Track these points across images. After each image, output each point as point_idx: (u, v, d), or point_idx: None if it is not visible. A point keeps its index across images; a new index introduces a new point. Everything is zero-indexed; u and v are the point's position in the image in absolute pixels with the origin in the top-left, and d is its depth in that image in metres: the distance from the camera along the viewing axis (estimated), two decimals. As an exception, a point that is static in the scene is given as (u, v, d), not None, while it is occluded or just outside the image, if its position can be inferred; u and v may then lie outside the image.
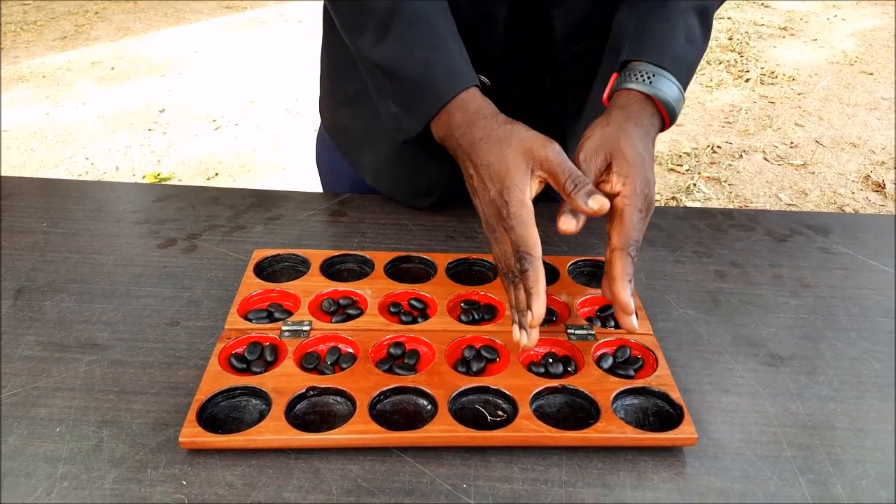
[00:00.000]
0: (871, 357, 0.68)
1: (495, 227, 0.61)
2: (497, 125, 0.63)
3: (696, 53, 0.72)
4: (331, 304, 0.70)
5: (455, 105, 0.65)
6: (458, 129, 0.64)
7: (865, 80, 3.73)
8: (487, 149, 0.62)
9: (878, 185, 2.74)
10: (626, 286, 0.59)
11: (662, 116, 0.68)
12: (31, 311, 0.70)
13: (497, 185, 0.60)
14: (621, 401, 0.60)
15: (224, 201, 0.91)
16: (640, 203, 0.61)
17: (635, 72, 0.68)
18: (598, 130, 0.64)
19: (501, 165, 0.60)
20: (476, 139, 0.63)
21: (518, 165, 0.60)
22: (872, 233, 0.89)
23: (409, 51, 0.66)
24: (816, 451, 0.58)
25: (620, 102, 0.67)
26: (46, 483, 0.53)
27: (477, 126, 0.63)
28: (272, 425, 0.55)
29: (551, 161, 0.59)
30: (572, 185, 0.58)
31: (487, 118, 0.64)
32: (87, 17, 4.60)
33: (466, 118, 0.64)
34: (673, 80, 0.67)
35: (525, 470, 0.55)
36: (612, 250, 0.61)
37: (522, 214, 0.58)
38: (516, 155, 0.60)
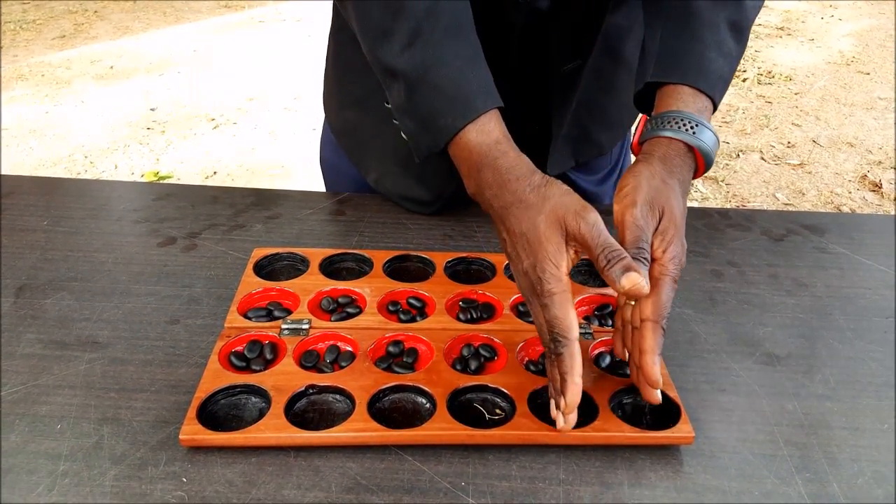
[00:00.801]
0: (868, 356, 0.69)
1: (531, 299, 0.57)
2: (530, 189, 0.57)
3: (730, 69, 0.67)
4: (330, 303, 0.70)
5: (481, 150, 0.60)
6: (489, 188, 0.59)
7: (862, 80, 3.74)
8: (519, 216, 0.56)
9: (874, 185, 2.75)
10: (656, 360, 0.55)
11: (697, 167, 0.64)
12: (31, 308, 0.71)
13: (531, 258, 0.55)
14: (619, 399, 0.61)
15: (224, 200, 0.91)
16: (676, 272, 0.57)
17: (676, 120, 0.62)
18: (644, 182, 0.59)
19: (533, 236, 0.55)
20: (508, 203, 0.57)
21: (551, 238, 0.54)
22: (869, 232, 0.90)
23: (441, 57, 0.61)
24: (813, 450, 0.58)
25: (661, 153, 0.62)
26: (47, 480, 0.53)
27: (509, 188, 0.58)
28: (272, 423, 0.56)
29: (584, 234, 0.54)
30: (605, 260, 0.53)
31: (520, 179, 0.58)
32: (87, 16, 4.59)
33: (499, 178, 0.58)
34: (710, 128, 0.63)
35: (523, 468, 0.56)
36: (644, 321, 0.56)
37: (557, 293, 0.54)
38: (548, 226, 0.55)
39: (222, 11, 4.78)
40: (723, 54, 0.65)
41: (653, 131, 0.63)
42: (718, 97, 0.65)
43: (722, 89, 0.66)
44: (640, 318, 0.56)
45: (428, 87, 0.61)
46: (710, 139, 0.62)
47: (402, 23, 0.62)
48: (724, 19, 0.66)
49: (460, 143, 0.60)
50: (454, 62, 0.61)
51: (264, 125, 3.20)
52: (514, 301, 0.71)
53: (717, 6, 0.66)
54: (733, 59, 0.67)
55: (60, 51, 4.01)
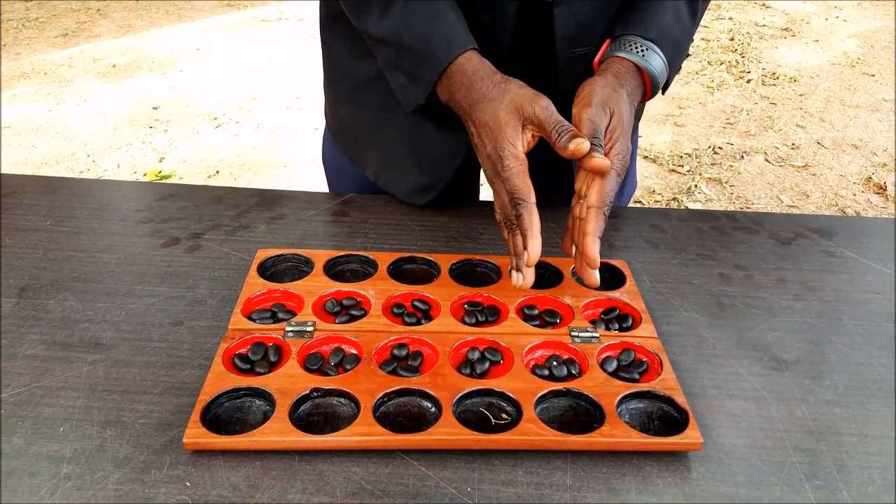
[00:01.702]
0: (877, 362, 0.68)
1: (493, 180, 0.67)
2: (492, 85, 0.67)
3: (682, 32, 0.77)
4: (334, 305, 0.70)
5: (454, 69, 0.69)
6: (458, 91, 0.69)
7: (867, 82, 3.73)
8: (483, 108, 0.67)
9: (879, 188, 2.74)
10: (597, 241, 0.64)
11: (645, 89, 0.74)
12: (34, 309, 0.70)
13: (492, 142, 0.66)
14: (626, 404, 0.60)
15: (227, 200, 0.91)
16: (620, 166, 0.66)
17: (629, 43, 0.73)
18: (598, 88, 0.68)
19: (495, 123, 0.65)
20: (474, 100, 0.68)
21: (509, 122, 0.65)
22: (877, 236, 0.89)
23: (409, 22, 0.71)
24: (822, 457, 0.58)
25: (614, 69, 0.72)
26: (50, 483, 0.53)
27: (474, 88, 0.68)
28: (276, 427, 0.55)
29: (539, 115, 0.64)
30: (557, 133, 0.63)
31: (484, 79, 0.68)
32: (89, 14, 4.59)
33: (465, 81, 0.68)
34: (660, 55, 0.73)
35: (529, 474, 0.55)
36: (589, 207, 0.65)
37: (514, 166, 0.64)
38: (507, 112, 0.65)
39: (225, 10, 4.78)
40: (677, 20, 0.76)
41: (609, 52, 0.75)
42: (666, 54, 0.74)
43: (670, 49, 0.75)
44: (586, 206, 0.65)
45: (406, 51, 0.72)
46: (658, 64, 0.73)
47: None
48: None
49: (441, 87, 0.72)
50: (419, 24, 0.71)
51: (266, 124, 3.20)
52: (519, 304, 0.71)
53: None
54: (685, 27, 0.78)
55: (63, 49, 4.01)
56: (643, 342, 0.66)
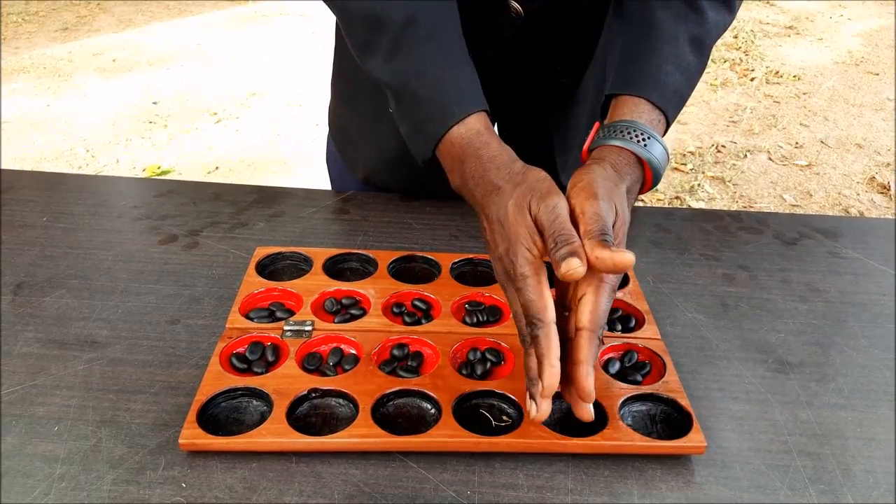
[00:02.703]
0: (882, 364, 0.67)
1: (508, 288, 0.56)
2: (510, 175, 0.57)
3: (688, 84, 0.65)
4: (333, 304, 0.69)
5: (465, 142, 0.60)
6: (471, 178, 0.59)
7: (871, 81, 3.71)
8: (496, 202, 0.56)
9: (883, 187, 2.73)
10: (590, 372, 0.52)
11: (645, 180, 0.62)
12: (30, 307, 0.69)
13: (505, 244, 0.54)
14: (628, 407, 0.59)
15: (226, 197, 0.90)
16: (615, 281, 0.54)
17: (628, 130, 0.61)
18: (600, 179, 0.56)
19: (506, 221, 0.54)
20: (487, 191, 0.57)
21: (521, 221, 0.53)
22: (882, 237, 0.88)
23: (420, 67, 0.62)
24: (827, 461, 0.57)
25: (612, 160, 0.60)
26: (44, 484, 0.52)
27: (488, 177, 0.58)
28: (273, 427, 0.55)
29: (541, 216, 0.53)
30: (553, 242, 0.51)
31: (500, 168, 0.58)
32: (89, 9, 4.58)
33: (480, 167, 0.58)
34: (661, 142, 0.61)
35: (530, 477, 0.54)
36: (581, 329, 0.52)
37: (530, 275, 0.52)
38: (517, 209, 0.54)
39: (226, 5, 4.77)
40: (680, 69, 0.64)
41: (603, 139, 0.61)
42: (672, 112, 0.63)
43: (677, 104, 0.64)
44: (577, 328, 0.53)
45: (410, 98, 0.63)
46: (661, 153, 0.61)
47: (382, 37, 0.63)
48: (685, 33, 0.65)
49: (444, 142, 0.61)
50: (432, 71, 0.62)
51: (267, 121, 3.19)
52: (521, 304, 0.70)
53: (679, 20, 0.65)
54: (692, 75, 0.66)
55: (63, 43, 4.00)
56: (646, 343, 0.65)
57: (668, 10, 0.65)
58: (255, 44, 4.08)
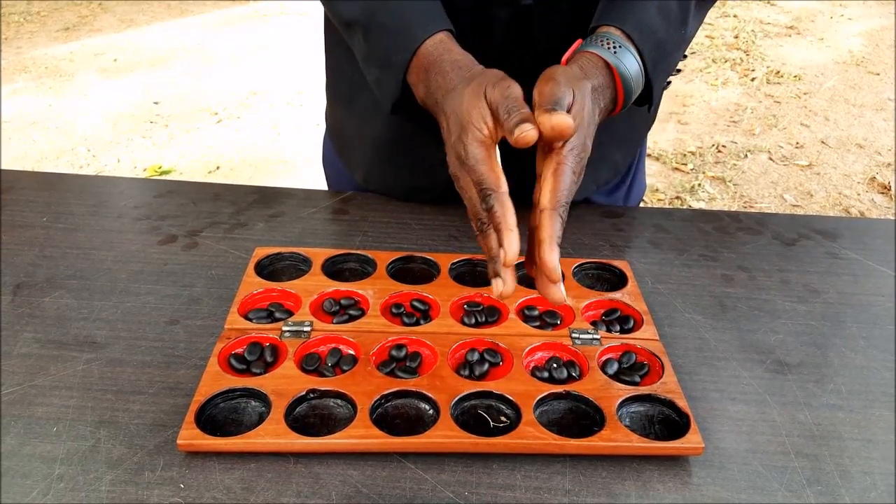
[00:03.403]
0: (881, 365, 0.67)
1: (460, 173, 0.57)
2: (470, 75, 0.60)
3: (667, 30, 0.66)
4: (332, 305, 0.69)
5: (429, 56, 0.63)
6: (434, 84, 0.62)
7: (872, 81, 3.71)
8: (456, 97, 0.58)
9: (883, 187, 2.73)
10: (555, 249, 0.52)
11: (616, 91, 0.63)
12: (29, 307, 0.69)
13: (457, 130, 0.57)
14: (626, 408, 0.59)
15: (225, 197, 0.90)
16: (575, 164, 0.55)
17: (601, 38, 0.64)
18: (561, 70, 0.58)
19: (461, 109, 0.57)
20: (447, 91, 0.60)
21: (474, 105, 0.56)
22: (881, 238, 0.88)
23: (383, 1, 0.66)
24: (824, 462, 0.57)
25: (581, 62, 0.62)
26: (42, 484, 0.52)
27: (448, 78, 0.61)
28: (271, 428, 0.55)
29: (496, 95, 0.55)
30: (506, 112, 0.53)
31: (461, 69, 0.61)
32: (91, 9, 4.58)
33: (443, 72, 0.62)
34: (635, 56, 0.63)
35: (528, 478, 0.54)
36: (542, 210, 0.53)
37: (479, 152, 0.54)
38: (472, 96, 0.56)
39: (227, 5, 4.77)
40: (662, 14, 0.66)
41: (579, 49, 0.64)
42: (646, 48, 0.65)
43: (652, 45, 0.65)
44: (539, 209, 0.54)
45: (378, 29, 0.66)
46: (632, 65, 0.63)
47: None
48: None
49: (412, 67, 0.64)
50: (395, 3, 0.65)
51: (267, 120, 3.19)
52: (519, 305, 0.70)
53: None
54: (672, 23, 0.67)
55: (64, 43, 4.00)
56: (644, 344, 0.65)
57: None
58: (255, 43, 4.09)
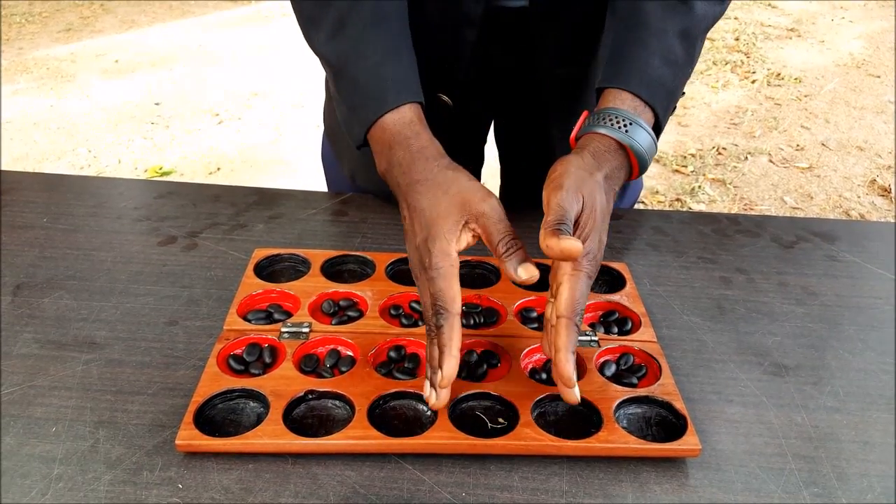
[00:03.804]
0: (878, 368, 0.67)
1: (418, 275, 0.58)
2: (438, 169, 0.59)
3: (674, 77, 0.65)
4: (331, 306, 0.69)
5: (397, 135, 0.61)
6: (398, 166, 0.60)
7: (872, 83, 3.71)
8: (424, 192, 0.58)
9: (884, 190, 2.73)
10: (570, 358, 0.53)
11: (631, 167, 0.63)
12: (29, 307, 0.70)
13: (424, 233, 0.57)
14: (624, 409, 0.60)
15: (225, 199, 0.90)
16: (591, 269, 0.56)
17: (610, 116, 0.62)
18: (572, 169, 0.58)
19: (433, 212, 0.57)
20: (414, 180, 0.59)
21: (450, 215, 0.56)
22: (880, 241, 0.88)
23: (361, 49, 0.64)
24: (821, 464, 0.57)
25: (592, 147, 0.61)
26: (41, 484, 0.52)
27: (417, 167, 0.59)
28: (270, 429, 0.55)
29: (487, 216, 0.56)
30: (505, 247, 0.55)
31: (429, 160, 0.59)
32: (93, 10, 4.59)
33: (409, 156, 0.60)
34: (647, 129, 0.62)
35: (525, 479, 0.54)
36: (559, 317, 0.54)
37: (444, 266, 0.55)
38: (451, 204, 0.56)
39: (228, 6, 4.77)
40: (668, 62, 0.64)
41: (588, 127, 0.63)
42: (659, 104, 0.64)
43: (664, 97, 0.64)
44: (556, 315, 0.55)
45: (348, 80, 0.64)
46: (644, 139, 0.61)
47: (327, 13, 0.65)
48: (673, 27, 0.65)
49: (376, 128, 0.63)
50: (372, 56, 0.63)
51: (269, 121, 3.19)
52: (518, 307, 0.70)
53: (667, 14, 0.65)
54: (679, 67, 0.66)
55: (66, 44, 4.01)
56: (642, 346, 0.65)
57: (657, 3, 0.65)
58: (257, 44, 4.09)
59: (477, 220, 0.56)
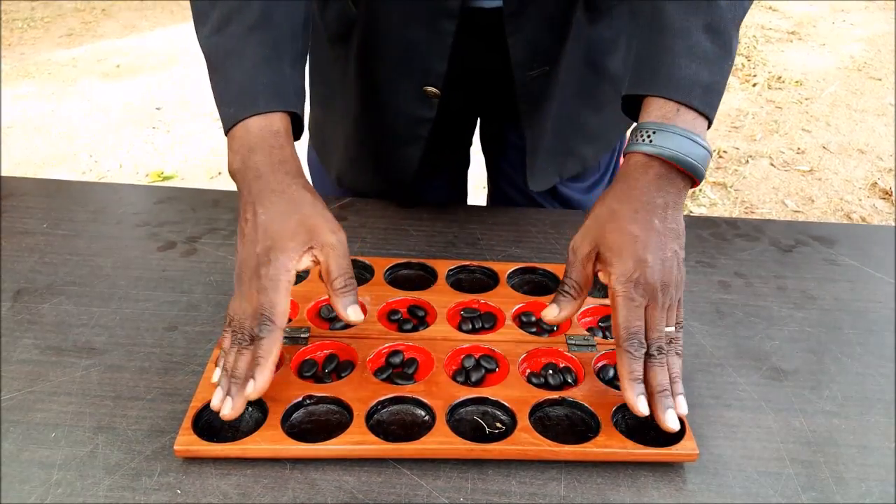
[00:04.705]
0: (876, 372, 0.67)
1: (246, 281, 0.57)
2: (295, 187, 0.59)
3: (712, 73, 0.61)
4: (329, 311, 0.69)
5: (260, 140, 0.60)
6: (254, 170, 0.59)
7: (873, 86, 3.71)
8: (276, 203, 0.58)
9: (885, 193, 2.73)
10: (632, 386, 0.55)
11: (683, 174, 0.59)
12: (29, 313, 0.70)
13: (268, 242, 0.56)
14: (622, 414, 0.60)
15: (225, 204, 0.90)
16: (632, 291, 0.55)
17: (635, 133, 0.60)
18: (594, 210, 0.60)
19: (282, 227, 0.57)
20: (269, 189, 0.58)
21: (298, 235, 0.57)
22: (878, 244, 0.88)
23: (240, 50, 0.62)
24: (819, 469, 0.57)
25: (624, 170, 0.60)
26: (40, 490, 0.52)
27: (274, 177, 0.59)
28: (268, 434, 0.55)
29: (333, 249, 0.57)
30: (342, 284, 0.57)
31: (287, 175, 0.59)
32: (94, 15, 4.61)
33: (268, 165, 0.59)
34: (676, 131, 0.58)
35: (523, 484, 0.55)
36: (616, 347, 0.56)
37: (282, 280, 0.55)
38: (300, 225, 0.57)
39: (230, 11, 4.79)
40: (696, 59, 0.61)
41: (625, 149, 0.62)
42: (698, 101, 0.60)
43: (702, 93, 0.60)
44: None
45: (222, 76, 0.63)
46: (675, 142, 0.58)
47: (215, 10, 0.64)
48: (697, 24, 0.62)
49: (240, 128, 0.61)
50: (251, 58, 0.62)
51: (270, 125, 3.19)
52: (516, 311, 0.70)
53: (689, 11, 0.62)
54: (712, 62, 0.62)
55: (67, 49, 4.02)
56: (640, 351, 0.65)
57: (678, 2, 0.62)
58: (258, 49, 4.10)
59: (322, 248, 0.57)
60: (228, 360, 0.56)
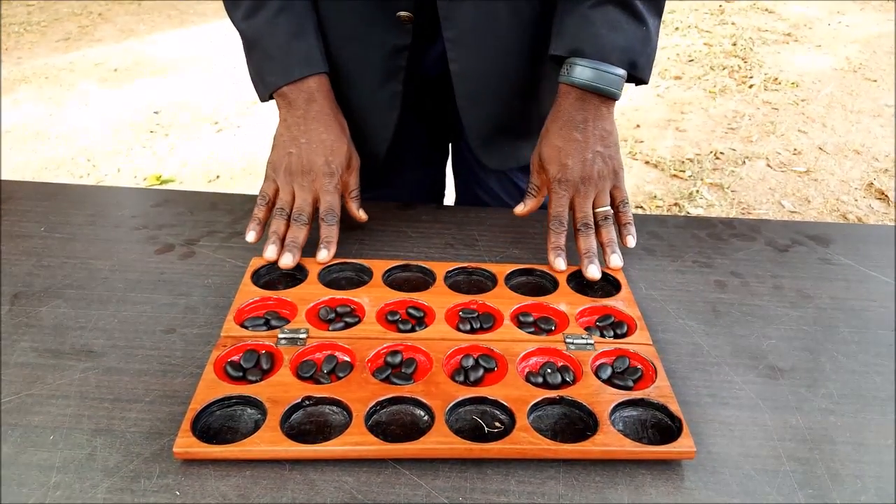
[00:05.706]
0: (872, 370, 0.68)
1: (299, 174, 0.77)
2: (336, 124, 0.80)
3: (627, 38, 0.74)
4: (328, 312, 0.69)
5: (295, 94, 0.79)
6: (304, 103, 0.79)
7: (869, 87, 3.72)
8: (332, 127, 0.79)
9: (881, 193, 2.73)
10: (553, 251, 0.77)
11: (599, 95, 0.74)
12: (26, 316, 0.70)
13: (327, 156, 0.77)
14: (620, 412, 0.60)
15: (223, 207, 0.91)
16: (557, 187, 0.76)
17: (563, 66, 0.76)
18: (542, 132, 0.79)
19: (339, 147, 0.78)
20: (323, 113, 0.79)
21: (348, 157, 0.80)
22: (874, 243, 0.89)
23: (272, 31, 0.78)
24: (816, 466, 0.57)
25: (555, 100, 0.78)
26: (39, 492, 0.52)
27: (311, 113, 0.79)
28: (267, 436, 0.55)
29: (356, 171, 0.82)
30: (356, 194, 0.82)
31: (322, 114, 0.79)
32: (91, 19, 4.61)
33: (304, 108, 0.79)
34: (588, 64, 0.73)
35: (522, 483, 0.55)
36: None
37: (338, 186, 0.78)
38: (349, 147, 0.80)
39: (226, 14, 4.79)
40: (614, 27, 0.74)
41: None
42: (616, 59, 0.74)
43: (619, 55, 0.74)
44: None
45: (260, 52, 0.80)
46: (586, 73, 0.74)
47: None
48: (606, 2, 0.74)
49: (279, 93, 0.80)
50: (281, 37, 0.79)
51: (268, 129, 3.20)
52: (514, 311, 0.70)
53: None
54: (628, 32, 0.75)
55: (65, 53, 4.02)
56: (638, 349, 0.66)
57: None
58: (255, 53, 4.10)
59: (349, 168, 0.80)
60: (276, 224, 0.77)
